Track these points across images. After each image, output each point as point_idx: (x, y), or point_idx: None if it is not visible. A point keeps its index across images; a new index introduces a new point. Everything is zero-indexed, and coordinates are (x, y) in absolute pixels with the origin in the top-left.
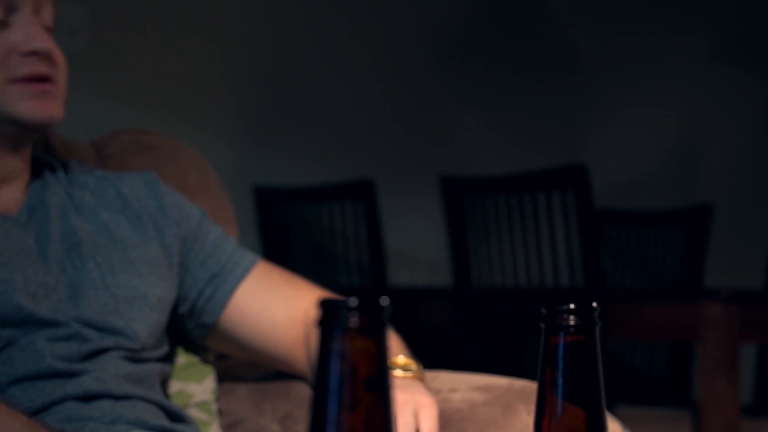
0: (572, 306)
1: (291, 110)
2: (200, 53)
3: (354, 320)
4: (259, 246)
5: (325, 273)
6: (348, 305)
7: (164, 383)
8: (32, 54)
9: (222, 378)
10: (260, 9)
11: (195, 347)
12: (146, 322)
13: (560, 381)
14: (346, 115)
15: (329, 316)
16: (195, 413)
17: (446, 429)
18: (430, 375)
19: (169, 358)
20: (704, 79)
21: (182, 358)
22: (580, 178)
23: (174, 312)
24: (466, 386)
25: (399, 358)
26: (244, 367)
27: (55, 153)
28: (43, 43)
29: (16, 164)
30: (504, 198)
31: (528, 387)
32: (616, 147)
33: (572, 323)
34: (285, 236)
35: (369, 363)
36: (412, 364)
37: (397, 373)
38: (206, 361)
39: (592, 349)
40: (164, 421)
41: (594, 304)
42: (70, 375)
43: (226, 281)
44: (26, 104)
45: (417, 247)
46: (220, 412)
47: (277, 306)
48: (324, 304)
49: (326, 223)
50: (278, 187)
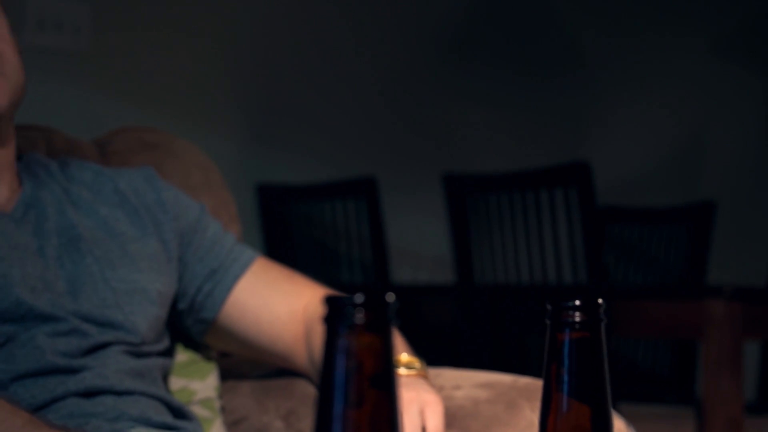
0: (578, 302)
1: (294, 108)
2: (203, 51)
3: (360, 317)
4: (262, 243)
5: (328, 270)
6: (354, 302)
7: (166, 379)
8: None
9: (225, 376)
10: (262, 7)
11: (197, 344)
12: (146, 316)
13: (566, 378)
14: (349, 113)
15: (335, 313)
16: (198, 410)
17: (450, 426)
18: (434, 372)
19: (170, 353)
20: (707, 77)
21: (184, 356)
22: (583, 176)
23: (173, 308)
24: (470, 383)
25: (402, 356)
26: (247, 365)
27: (57, 151)
28: None
29: None
30: (507, 195)
31: (532, 384)
32: (619, 144)
33: (578, 320)
34: (288, 234)
35: (375, 360)
36: (416, 362)
37: (401, 371)
38: (209, 359)
39: (598, 346)
40: (167, 418)
41: (600, 301)
42: (72, 371)
43: (225, 277)
44: None
45: (420, 245)
46: (223, 410)
47: (277, 302)
48: (330, 301)
49: (329, 221)
50: (281, 185)
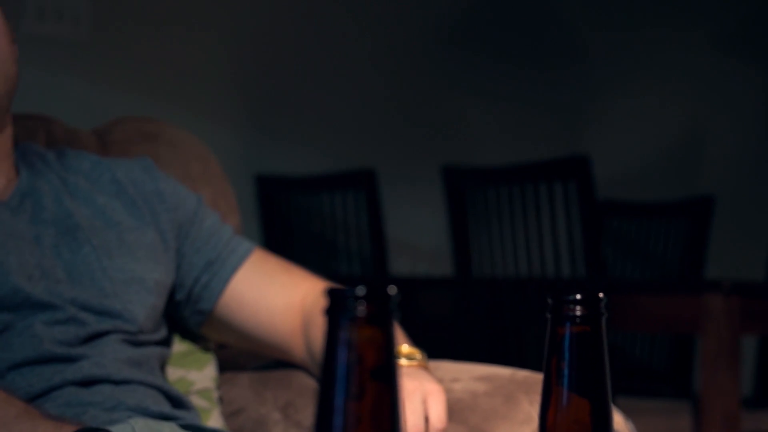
0: (579, 296)
1: (293, 99)
2: (202, 41)
3: (361, 309)
4: (261, 235)
5: (326, 262)
6: (355, 294)
7: (163, 369)
8: None
9: (223, 367)
10: None
11: (194, 335)
12: (143, 305)
13: (566, 371)
14: (348, 105)
15: (336, 305)
16: (196, 400)
17: (448, 419)
18: (432, 365)
19: (168, 343)
20: (706, 71)
21: (182, 346)
22: (582, 169)
23: (170, 299)
24: (468, 376)
25: (403, 347)
26: (245, 356)
27: (57, 140)
28: None
29: None
30: (506, 188)
31: (530, 377)
32: (618, 138)
33: (579, 314)
34: (286, 225)
35: (376, 352)
36: (417, 353)
37: (403, 362)
38: (206, 349)
39: (599, 340)
40: (165, 407)
41: (600, 295)
42: (69, 360)
43: (223, 268)
44: None
45: (418, 237)
46: (221, 401)
47: (274, 294)
48: (331, 293)
49: (328, 212)
50: (280, 176)
